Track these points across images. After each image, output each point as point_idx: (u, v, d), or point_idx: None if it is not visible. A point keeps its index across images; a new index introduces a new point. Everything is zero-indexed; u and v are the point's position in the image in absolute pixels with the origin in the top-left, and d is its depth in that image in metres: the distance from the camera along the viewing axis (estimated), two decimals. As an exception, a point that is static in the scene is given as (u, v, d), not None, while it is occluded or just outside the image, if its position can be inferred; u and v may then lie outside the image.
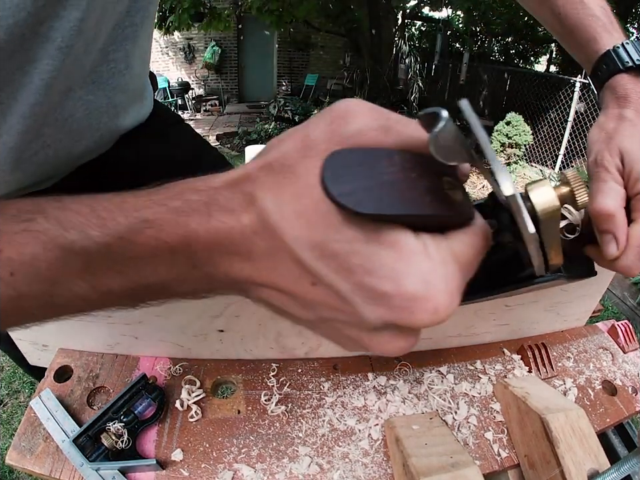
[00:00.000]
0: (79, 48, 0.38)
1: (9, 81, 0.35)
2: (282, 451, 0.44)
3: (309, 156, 0.19)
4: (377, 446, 0.45)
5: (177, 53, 8.16)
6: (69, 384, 0.47)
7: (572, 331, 0.62)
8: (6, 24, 0.30)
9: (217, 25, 6.05)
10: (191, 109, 7.85)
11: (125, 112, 0.53)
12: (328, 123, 0.20)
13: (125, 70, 0.47)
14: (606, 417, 0.51)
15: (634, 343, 0.61)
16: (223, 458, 0.42)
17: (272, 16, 5.78)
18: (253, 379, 0.50)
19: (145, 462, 0.40)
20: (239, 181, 0.20)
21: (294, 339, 0.51)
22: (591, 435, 0.41)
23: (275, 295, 0.21)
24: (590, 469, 0.38)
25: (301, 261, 0.19)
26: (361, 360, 0.54)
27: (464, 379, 0.53)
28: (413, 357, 0.55)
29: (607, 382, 0.55)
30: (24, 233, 0.22)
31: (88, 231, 0.21)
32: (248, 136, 5.84)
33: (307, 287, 0.20)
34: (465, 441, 0.46)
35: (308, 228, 0.18)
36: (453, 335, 0.56)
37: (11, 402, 1.73)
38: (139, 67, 0.51)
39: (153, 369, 0.49)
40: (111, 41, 0.43)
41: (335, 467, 0.43)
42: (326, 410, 0.48)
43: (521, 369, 0.55)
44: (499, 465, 0.45)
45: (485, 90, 6.55)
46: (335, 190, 0.17)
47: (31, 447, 0.41)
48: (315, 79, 8.02)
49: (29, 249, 0.21)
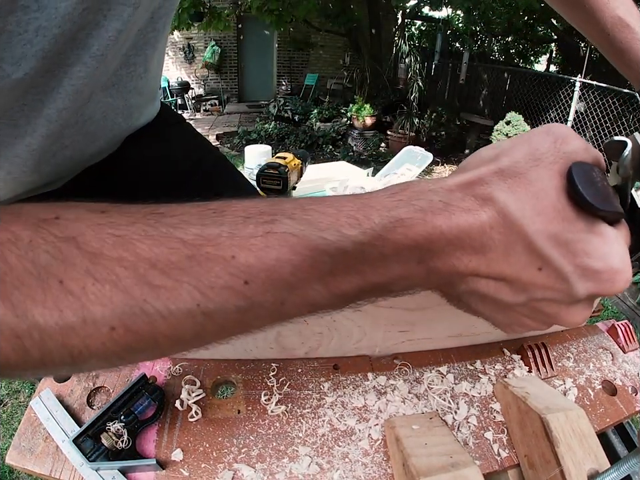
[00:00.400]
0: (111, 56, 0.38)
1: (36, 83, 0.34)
2: (282, 451, 0.44)
3: (540, 166, 0.24)
4: (377, 446, 0.45)
5: (177, 52, 8.16)
6: (69, 384, 0.47)
7: (572, 331, 0.62)
8: (51, 34, 0.30)
9: (216, 25, 6.04)
10: (191, 109, 7.85)
11: (139, 113, 0.54)
12: (552, 142, 0.24)
13: (144, 73, 0.47)
14: (606, 417, 0.51)
15: (634, 343, 0.61)
16: (223, 458, 0.42)
17: (272, 15, 5.77)
18: (252, 378, 0.50)
19: (145, 462, 0.40)
20: (471, 184, 0.24)
21: (294, 339, 0.51)
22: (591, 434, 0.41)
23: (490, 284, 0.25)
24: (590, 469, 0.38)
25: (537, 250, 0.23)
26: (360, 360, 0.54)
27: (464, 379, 0.53)
28: (413, 357, 0.55)
29: (607, 382, 0.55)
30: (267, 235, 0.21)
31: (343, 230, 0.21)
32: (248, 136, 5.83)
33: (533, 272, 0.24)
34: (465, 441, 0.46)
35: (547, 222, 0.23)
36: (453, 335, 0.56)
37: (11, 402, 1.73)
38: (155, 69, 0.51)
39: (153, 368, 0.50)
40: (133, 46, 0.43)
41: (335, 466, 0.43)
42: (326, 410, 0.48)
43: (520, 369, 0.55)
44: (498, 465, 0.45)
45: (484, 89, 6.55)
46: (585, 191, 0.22)
47: (31, 446, 0.41)
48: (314, 79, 8.01)
49: (272, 253, 0.20)
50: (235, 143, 5.73)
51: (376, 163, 4.80)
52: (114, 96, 0.45)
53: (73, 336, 0.19)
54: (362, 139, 6.00)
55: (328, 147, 5.86)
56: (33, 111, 0.36)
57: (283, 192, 1.20)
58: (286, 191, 1.21)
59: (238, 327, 0.22)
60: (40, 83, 0.35)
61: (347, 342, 0.52)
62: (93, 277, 0.19)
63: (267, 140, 5.77)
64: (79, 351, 0.20)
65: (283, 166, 1.20)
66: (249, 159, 1.65)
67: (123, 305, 0.19)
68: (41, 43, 0.30)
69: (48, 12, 0.29)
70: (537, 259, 0.23)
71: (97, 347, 0.20)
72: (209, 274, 0.20)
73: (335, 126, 6.18)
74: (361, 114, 6.05)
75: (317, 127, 6.21)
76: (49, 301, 0.19)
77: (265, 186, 1.21)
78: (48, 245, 0.20)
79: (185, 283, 0.20)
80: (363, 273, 0.22)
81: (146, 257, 0.20)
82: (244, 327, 0.23)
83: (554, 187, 0.23)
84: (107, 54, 0.37)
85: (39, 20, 0.29)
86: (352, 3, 6.38)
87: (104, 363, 0.22)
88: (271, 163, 1.21)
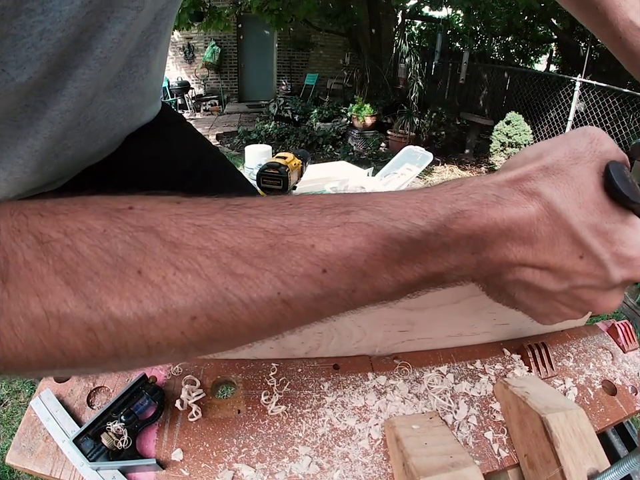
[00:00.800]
0: (114, 59, 0.38)
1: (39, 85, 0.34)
2: (282, 451, 0.44)
3: (579, 163, 0.26)
4: (377, 446, 0.45)
5: (177, 52, 8.16)
6: (69, 384, 0.47)
7: (572, 331, 0.62)
8: (55, 37, 0.30)
9: (216, 25, 6.04)
10: (191, 109, 7.85)
11: (140, 112, 0.54)
12: (589, 142, 0.27)
13: (145, 74, 0.47)
14: (606, 417, 0.51)
15: (634, 343, 0.61)
16: (223, 458, 0.42)
17: (272, 15, 5.77)
18: (252, 378, 0.50)
19: (145, 462, 0.40)
20: (519, 180, 0.26)
21: (294, 339, 0.51)
22: (591, 434, 0.41)
23: (536, 273, 0.27)
24: (590, 469, 0.38)
25: (579, 239, 0.25)
26: (360, 360, 0.54)
27: (464, 379, 0.53)
28: (413, 357, 0.55)
29: (607, 381, 0.55)
30: (344, 225, 0.22)
31: (413, 220, 0.23)
32: (248, 135, 5.83)
33: (575, 260, 0.26)
34: (465, 441, 0.46)
35: (588, 214, 0.25)
36: (453, 335, 0.56)
37: (12, 402, 1.73)
38: (157, 70, 0.51)
39: (153, 368, 0.49)
40: (136, 47, 0.43)
41: (335, 466, 0.43)
42: (326, 410, 0.48)
43: (520, 369, 0.55)
44: (498, 465, 0.45)
45: (485, 89, 6.55)
46: (621, 186, 0.25)
47: (31, 446, 0.41)
48: (314, 79, 8.01)
49: (349, 242, 0.21)
50: (235, 143, 5.73)
51: (376, 162, 4.80)
52: (116, 97, 0.45)
53: (152, 327, 0.19)
54: (362, 139, 5.99)
55: (328, 146, 5.85)
56: (35, 112, 0.36)
57: (283, 192, 1.20)
58: (286, 191, 1.21)
59: (312, 316, 0.23)
60: (43, 85, 0.34)
61: (347, 342, 0.52)
62: (174, 266, 0.19)
63: (267, 140, 5.77)
64: (157, 342, 0.20)
65: (283, 166, 1.20)
66: (249, 159, 1.65)
67: (205, 294, 0.19)
68: (45, 46, 0.30)
69: (52, 15, 0.29)
70: (578, 248, 0.25)
71: (177, 337, 0.20)
72: (289, 262, 0.21)
73: (335, 126, 6.18)
74: (361, 114, 6.04)
75: (317, 127, 6.21)
76: (126, 291, 0.19)
77: (266, 186, 1.21)
78: (125, 234, 0.20)
79: (267, 271, 0.20)
80: (425, 263, 0.24)
81: (228, 246, 0.20)
82: (317, 316, 0.23)
83: (592, 182, 0.26)
84: (111, 56, 0.36)
85: (44, 23, 0.29)
86: (352, 3, 6.37)
87: (180, 354, 0.22)
88: (272, 163, 1.21)
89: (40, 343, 0.19)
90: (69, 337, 0.19)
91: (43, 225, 0.19)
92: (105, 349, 0.19)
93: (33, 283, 0.18)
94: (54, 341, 0.19)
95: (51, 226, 0.19)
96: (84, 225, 0.20)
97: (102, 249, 0.19)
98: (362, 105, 6.10)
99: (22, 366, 0.19)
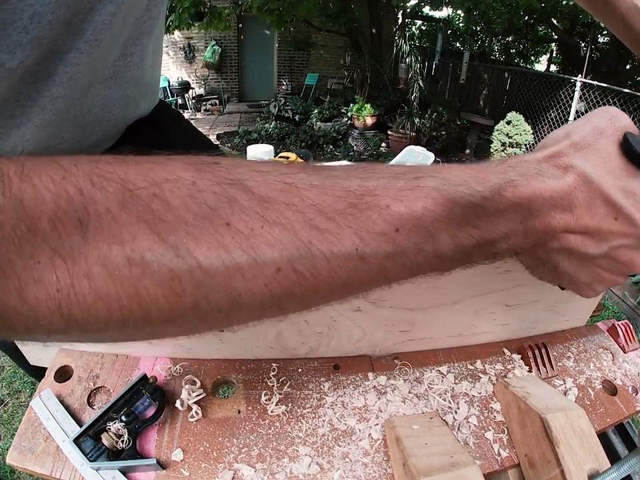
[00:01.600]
0: (105, 43, 0.38)
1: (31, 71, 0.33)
2: (282, 451, 0.44)
3: (602, 137, 0.29)
4: (377, 446, 0.45)
5: (177, 52, 8.16)
6: (69, 384, 0.47)
7: (572, 331, 0.62)
8: (46, 20, 0.30)
9: (217, 25, 6.04)
10: (191, 109, 7.85)
11: (135, 103, 0.53)
12: (609, 119, 0.30)
13: (140, 63, 0.47)
14: (606, 417, 0.51)
15: (634, 343, 0.61)
16: (223, 458, 0.42)
17: (272, 15, 5.77)
18: (253, 378, 0.50)
19: (145, 462, 0.40)
20: (553, 156, 0.29)
21: (294, 339, 0.51)
22: (591, 434, 0.41)
23: (578, 238, 0.29)
24: (590, 469, 0.38)
25: (612, 202, 0.28)
26: (361, 360, 0.54)
27: (464, 379, 0.53)
28: (413, 357, 0.55)
29: (607, 382, 0.55)
30: (415, 189, 0.24)
31: (474, 186, 0.25)
32: (248, 135, 5.83)
33: (611, 221, 0.29)
34: (465, 441, 0.46)
35: (616, 179, 0.28)
36: (453, 335, 0.56)
37: (12, 402, 1.73)
38: (152, 59, 0.51)
39: (153, 368, 0.50)
40: (130, 36, 0.43)
41: (335, 466, 0.43)
42: (326, 410, 0.48)
43: (521, 369, 0.55)
44: (499, 465, 0.45)
45: (485, 89, 6.54)
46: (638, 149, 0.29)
47: (32, 446, 0.42)
48: (315, 79, 8.01)
49: (419, 204, 0.23)
50: (236, 143, 5.73)
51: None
52: (112, 87, 0.45)
53: (237, 277, 0.20)
54: (362, 139, 5.99)
55: (328, 146, 5.85)
56: (28, 100, 0.36)
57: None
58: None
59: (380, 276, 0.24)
60: (36, 72, 0.34)
61: (347, 342, 0.52)
62: (263, 218, 0.20)
63: (268, 139, 5.77)
64: (239, 294, 0.20)
65: (284, 166, 1.20)
66: (250, 159, 1.65)
67: (291, 246, 0.20)
68: (36, 29, 0.29)
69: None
70: (612, 210, 0.28)
71: (259, 289, 0.20)
72: (368, 220, 0.22)
73: (335, 126, 6.18)
74: (362, 114, 6.04)
75: (317, 127, 6.21)
76: (214, 241, 0.19)
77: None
78: (215, 185, 0.20)
79: (347, 227, 0.22)
80: (479, 228, 0.26)
81: (313, 203, 0.21)
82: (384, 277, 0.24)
83: (615, 152, 0.29)
84: (102, 39, 0.36)
85: (34, 6, 0.28)
86: (352, 3, 6.38)
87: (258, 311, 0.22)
88: (272, 163, 1.21)
89: (115, 294, 0.18)
90: (149, 286, 0.18)
91: (127, 173, 0.19)
92: (185, 301, 0.19)
93: (115, 231, 0.18)
94: (132, 291, 0.18)
95: (136, 174, 0.19)
96: (172, 174, 0.20)
97: (192, 199, 0.19)
98: (362, 105, 6.10)
99: (86, 322, 0.18)
